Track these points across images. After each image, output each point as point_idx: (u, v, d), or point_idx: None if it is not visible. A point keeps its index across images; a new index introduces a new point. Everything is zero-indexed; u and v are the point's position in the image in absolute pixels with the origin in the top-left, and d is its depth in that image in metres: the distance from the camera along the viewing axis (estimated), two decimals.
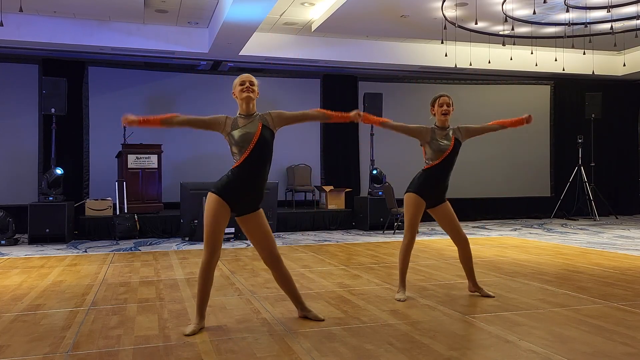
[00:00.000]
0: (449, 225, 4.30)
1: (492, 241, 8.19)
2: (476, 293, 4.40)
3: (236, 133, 3.44)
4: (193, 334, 3.37)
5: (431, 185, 4.22)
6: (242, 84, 3.49)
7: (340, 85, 11.70)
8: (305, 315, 3.70)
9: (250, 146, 3.40)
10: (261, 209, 3.61)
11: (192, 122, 3.54)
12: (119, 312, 3.97)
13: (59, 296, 4.55)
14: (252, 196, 3.52)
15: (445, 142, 4.18)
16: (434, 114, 4.28)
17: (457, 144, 4.21)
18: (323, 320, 3.65)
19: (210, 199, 3.47)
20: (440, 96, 4.25)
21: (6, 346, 3.20)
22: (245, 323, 3.64)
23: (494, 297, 4.30)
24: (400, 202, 10.07)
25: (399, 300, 4.24)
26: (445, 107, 4.20)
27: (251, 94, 3.47)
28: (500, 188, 12.48)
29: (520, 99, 12.75)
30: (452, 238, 4.37)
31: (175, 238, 8.91)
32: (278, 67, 11.11)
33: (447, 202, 4.30)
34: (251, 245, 7.96)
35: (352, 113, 3.69)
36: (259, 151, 3.42)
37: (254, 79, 3.53)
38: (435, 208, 4.28)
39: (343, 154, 11.66)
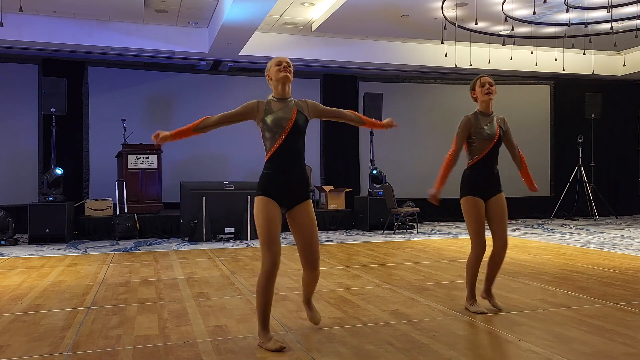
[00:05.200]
0: (495, 220, 3.86)
1: (492, 241, 8.17)
2: (486, 301, 4.03)
3: (269, 118, 3.19)
4: (279, 349, 3.05)
5: (481, 180, 3.89)
6: (278, 64, 3.24)
7: (340, 85, 11.70)
8: (310, 316, 3.52)
9: (284, 132, 3.17)
10: (310, 201, 3.29)
11: (225, 119, 3.29)
12: (119, 312, 3.97)
13: (59, 296, 4.55)
14: (294, 184, 3.22)
15: (490, 130, 3.86)
16: (476, 98, 3.97)
17: (502, 134, 3.91)
18: (318, 323, 3.50)
19: (257, 202, 3.19)
20: (482, 76, 3.99)
21: (6, 346, 3.20)
22: (245, 323, 3.64)
23: (502, 310, 3.89)
24: (400, 202, 10.15)
25: (477, 313, 3.81)
26: (487, 87, 3.88)
27: (289, 74, 3.23)
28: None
29: (520, 99, 12.75)
30: (492, 235, 3.92)
31: (175, 238, 8.91)
32: None
33: (502, 194, 3.91)
34: (251, 245, 7.98)
35: (385, 121, 3.61)
36: (293, 137, 3.18)
37: (289, 61, 3.29)
38: (489, 200, 3.88)
39: (343, 154, 11.66)
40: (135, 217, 8.83)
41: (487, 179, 3.91)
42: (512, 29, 8.72)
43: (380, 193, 9.99)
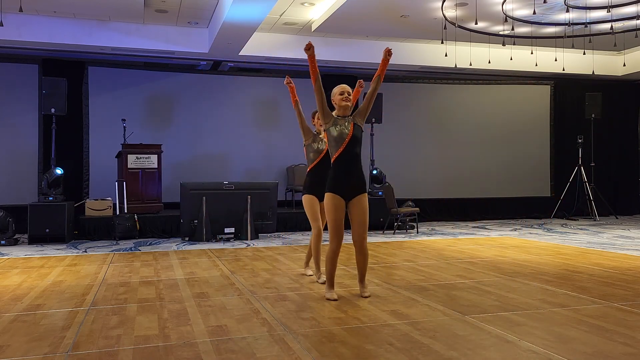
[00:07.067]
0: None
1: (492, 241, 8.19)
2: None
3: (335, 131, 4.22)
4: (333, 299, 4.23)
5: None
6: (341, 93, 4.32)
7: None
8: (361, 293, 4.36)
9: (345, 142, 4.19)
10: (366, 194, 4.27)
11: (322, 95, 4.26)
12: (119, 312, 3.97)
13: (59, 296, 4.55)
14: (353, 181, 4.21)
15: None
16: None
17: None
18: (369, 296, 4.31)
19: (327, 197, 4.20)
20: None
21: (6, 346, 3.20)
22: (245, 323, 3.64)
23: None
24: (400, 202, 10.15)
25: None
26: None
27: (348, 103, 4.31)
28: (500, 188, 12.48)
29: (520, 99, 12.76)
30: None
31: (175, 238, 8.91)
32: (278, 67, 11.11)
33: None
34: (251, 245, 7.99)
35: (384, 55, 4.33)
36: (351, 146, 4.20)
37: (350, 90, 4.39)
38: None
39: None
40: (135, 217, 8.83)
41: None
42: (512, 29, 8.72)
43: (380, 193, 9.99)
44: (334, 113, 4.33)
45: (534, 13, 7.92)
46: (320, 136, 5.08)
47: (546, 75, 12.34)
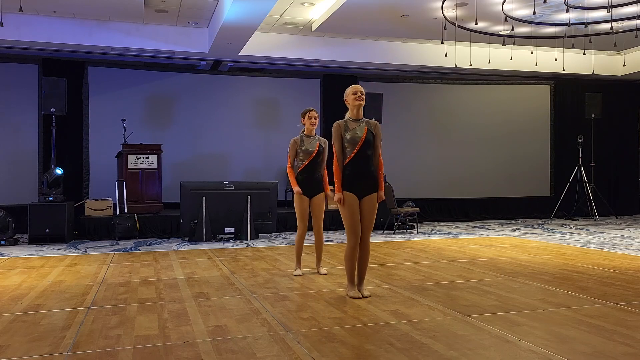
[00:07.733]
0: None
1: (492, 241, 8.19)
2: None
3: (348, 134, 4.28)
4: (357, 297, 4.28)
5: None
6: (354, 93, 4.33)
7: (340, 85, 11.57)
8: (361, 293, 4.35)
9: (358, 145, 4.25)
10: (377, 193, 4.32)
11: (340, 145, 4.31)
12: (119, 312, 3.97)
13: (59, 296, 4.55)
14: (366, 180, 4.29)
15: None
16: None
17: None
18: (369, 296, 4.34)
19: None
20: (309, 110, 5.32)
21: (6, 346, 3.20)
22: (245, 323, 3.64)
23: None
24: (400, 202, 10.15)
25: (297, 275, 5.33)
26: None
27: (361, 102, 4.33)
28: (500, 188, 12.48)
29: (520, 99, 12.76)
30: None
31: (175, 238, 8.91)
32: (278, 67, 11.11)
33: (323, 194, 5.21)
34: (251, 245, 7.99)
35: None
36: (365, 148, 4.27)
37: (362, 90, 4.36)
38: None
39: None
40: (135, 217, 8.83)
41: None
42: (512, 29, 8.71)
43: None
44: (347, 114, 4.37)
45: (534, 13, 7.92)
46: (314, 138, 5.32)
47: (546, 75, 12.34)
